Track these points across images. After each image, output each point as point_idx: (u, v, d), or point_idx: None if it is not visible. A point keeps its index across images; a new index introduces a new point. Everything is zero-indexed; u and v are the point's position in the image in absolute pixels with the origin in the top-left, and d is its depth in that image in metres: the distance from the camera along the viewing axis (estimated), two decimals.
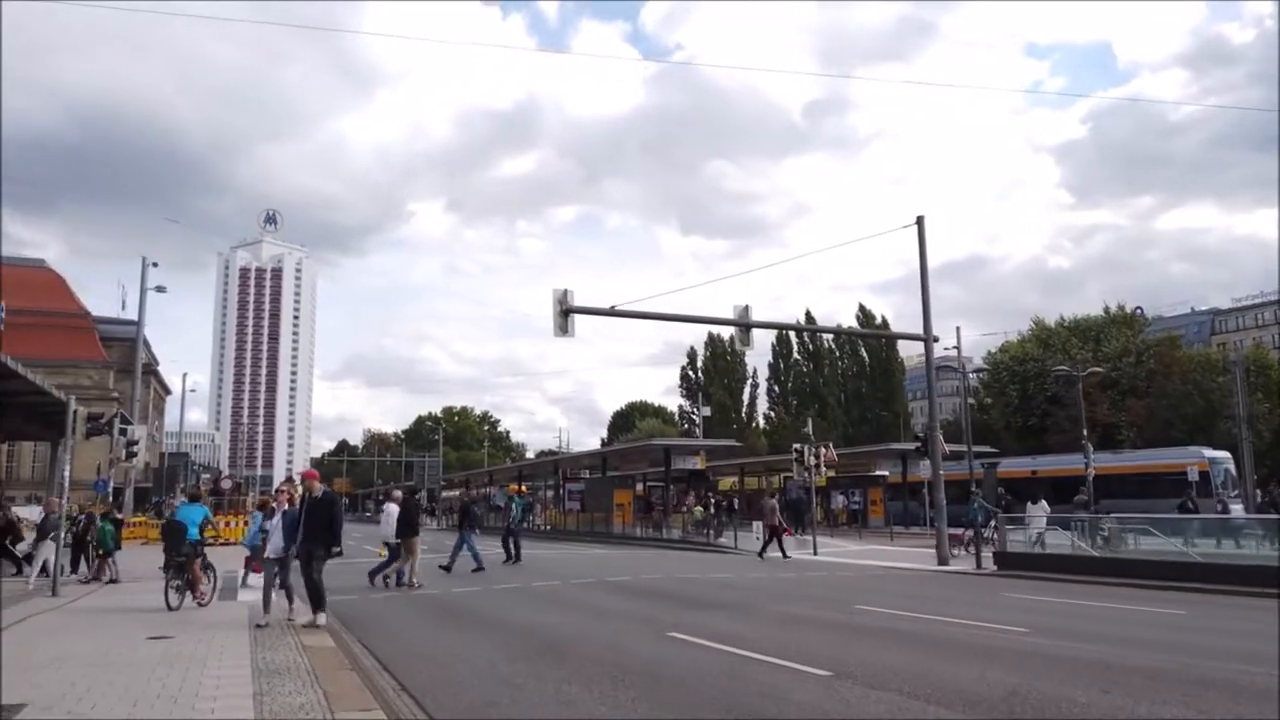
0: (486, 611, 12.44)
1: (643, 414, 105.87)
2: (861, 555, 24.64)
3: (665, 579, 17.05)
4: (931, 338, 21.13)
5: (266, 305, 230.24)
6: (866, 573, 18.81)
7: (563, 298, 18.33)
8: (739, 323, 19.41)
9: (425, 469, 77.74)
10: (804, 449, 25.03)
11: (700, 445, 39.00)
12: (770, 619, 10.98)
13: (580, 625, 10.58)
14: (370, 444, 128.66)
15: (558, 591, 15.20)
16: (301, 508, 10.82)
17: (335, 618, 11.83)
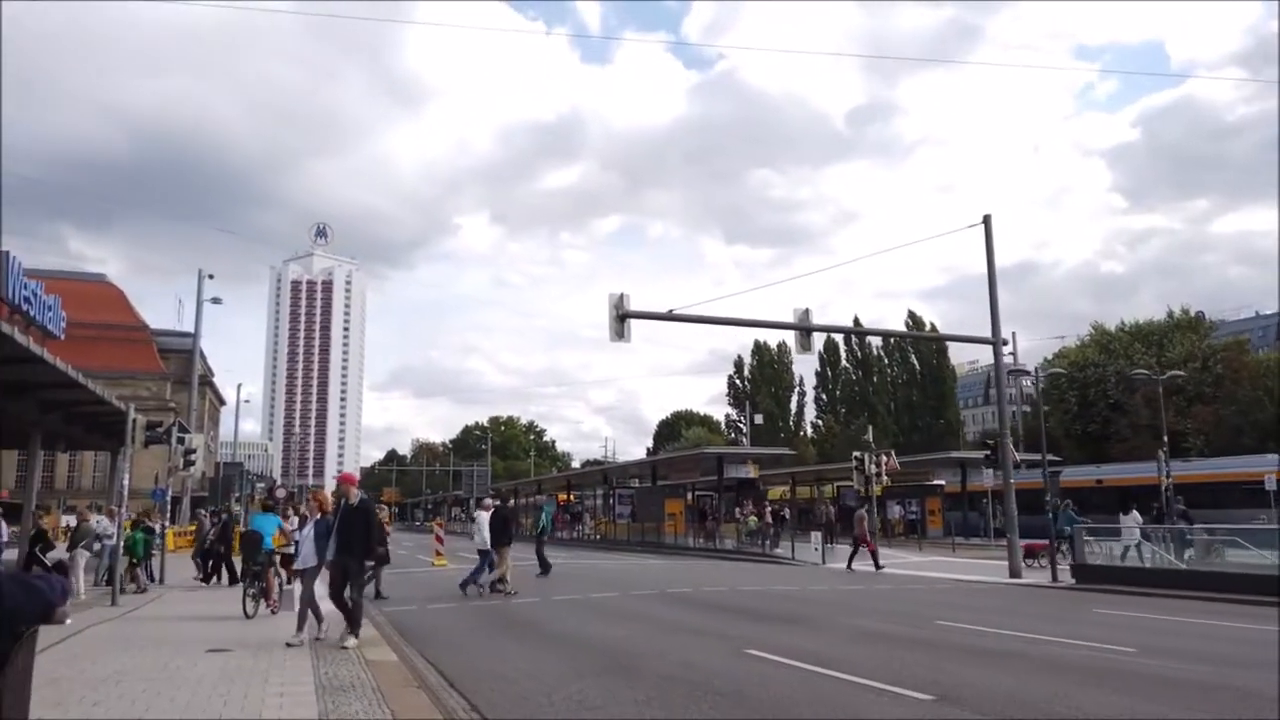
0: (548, 623, 12.01)
1: (688, 423, 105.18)
2: (925, 567, 23.78)
3: (728, 591, 16.48)
4: (1001, 340, 20.29)
5: (318, 317, 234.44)
6: (936, 586, 18.02)
7: (619, 302, 17.92)
8: (799, 326, 18.81)
9: (474, 478, 77.85)
10: (864, 457, 24.26)
11: (753, 454, 38.29)
12: (849, 635, 10.36)
13: (649, 640, 10.07)
14: (418, 454, 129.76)
15: (618, 603, 14.72)
16: (336, 516, 9.96)
17: (395, 629, 11.50)
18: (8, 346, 16.06)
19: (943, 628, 11.02)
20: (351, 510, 9.81)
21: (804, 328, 18.81)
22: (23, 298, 15.88)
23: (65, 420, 25.92)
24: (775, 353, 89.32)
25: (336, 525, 9.73)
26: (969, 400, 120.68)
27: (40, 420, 24.01)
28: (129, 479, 14.77)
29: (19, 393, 20.96)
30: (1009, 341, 20.08)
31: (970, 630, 10.78)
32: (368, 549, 9.84)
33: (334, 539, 9.69)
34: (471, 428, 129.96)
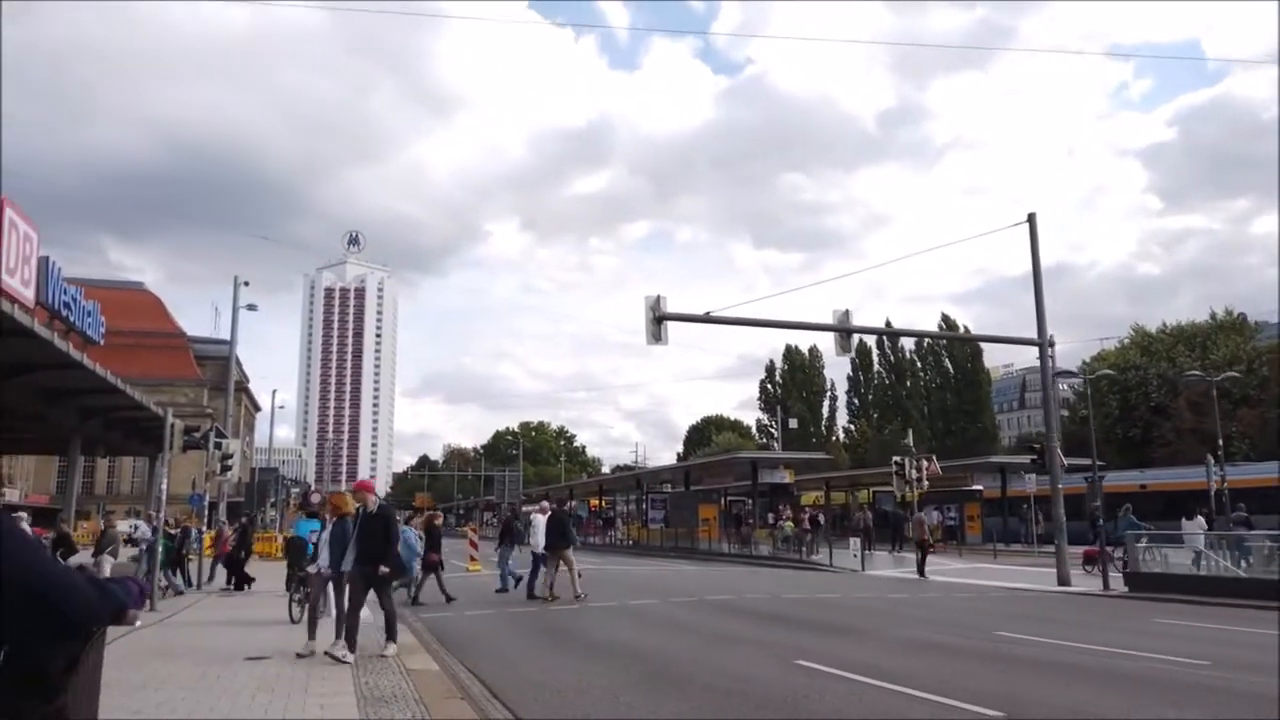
0: (589, 631, 11.74)
1: (719, 428, 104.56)
2: (969, 574, 23.18)
3: (770, 599, 16.10)
4: (1048, 341, 19.72)
5: (350, 324, 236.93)
6: (985, 593, 17.49)
7: (656, 304, 17.64)
8: (838, 328, 18.40)
9: (505, 483, 77.97)
10: (905, 462, 23.74)
11: (788, 458, 37.80)
12: (905, 646, 9.96)
13: (695, 649, 9.75)
14: (450, 459, 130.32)
15: (658, 611, 14.41)
16: (355, 524, 9.50)
17: (434, 636, 11.30)
18: (47, 352, 16.19)
19: (1002, 638, 10.57)
20: (370, 518, 9.41)
21: (843, 329, 18.40)
22: (62, 303, 15.94)
23: (104, 426, 26.19)
24: (807, 357, 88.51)
25: (356, 534, 9.32)
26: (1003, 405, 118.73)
27: (80, 426, 24.26)
28: (167, 483, 14.74)
29: (59, 398, 21.20)
30: (1054, 343, 19.48)
31: (1031, 641, 10.33)
32: (387, 557, 9.38)
33: (353, 548, 9.31)
34: (502, 433, 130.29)
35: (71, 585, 1.96)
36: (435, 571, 17.03)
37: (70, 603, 1.93)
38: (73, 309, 16.47)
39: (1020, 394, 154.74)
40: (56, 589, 1.91)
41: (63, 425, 23.41)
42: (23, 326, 14.79)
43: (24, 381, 17.01)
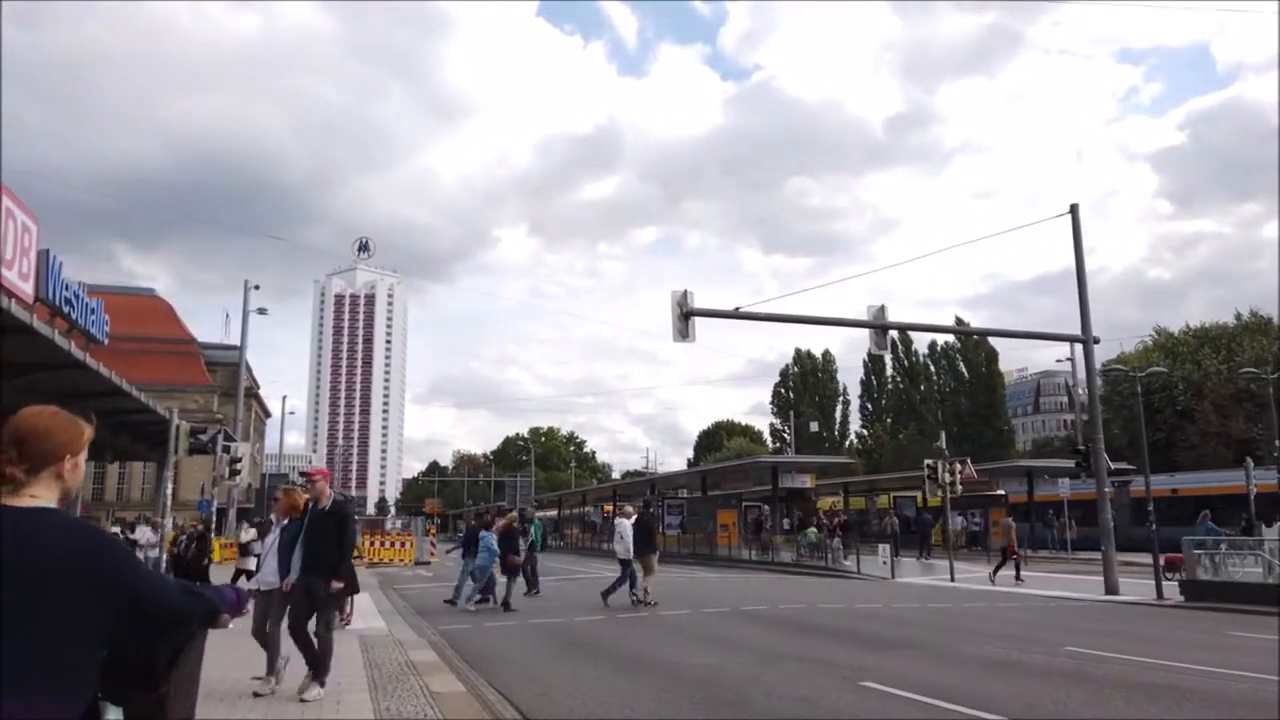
0: (623, 646, 10.90)
1: (730, 433, 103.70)
2: (1005, 581, 22.23)
3: (808, 609, 15.23)
4: (1092, 338, 18.83)
5: (360, 330, 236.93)
6: (1031, 604, 16.57)
7: (682, 299, 16.83)
8: (874, 324, 17.55)
9: (517, 489, 77.08)
10: (938, 465, 22.83)
11: (810, 462, 36.90)
12: (973, 664, 9.09)
13: (746, 667, 8.89)
14: (460, 465, 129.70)
15: (693, 622, 13.56)
16: (304, 522, 7.69)
17: (455, 652, 10.49)
18: (47, 351, 15.47)
19: (1076, 654, 9.67)
20: (322, 516, 7.59)
21: (879, 325, 17.55)
22: (64, 299, 15.22)
23: (111, 430, 25.48)
24: (819, 361, 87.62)
25: (302, 535, 7.60)
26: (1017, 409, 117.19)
27: None
28: (173, 489, 14.00)
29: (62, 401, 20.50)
30: (1098, 339, 18.61)
31: (1110, 659, 9.42)
32: (339, 568, 7.58)
33: (299, 552, 7.58)
34: (512, 439, 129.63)
35: (160, 587, 2.16)
36: (513, 576, 16.46)
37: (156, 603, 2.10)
38: (75, 306, 15.74)
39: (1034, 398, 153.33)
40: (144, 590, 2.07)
41: None
42: (21, 323, 14.08)
43: (23, 382, 16.27)
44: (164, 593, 2.14)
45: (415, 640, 11.19)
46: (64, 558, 1.95)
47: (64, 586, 1.93)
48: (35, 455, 2.04)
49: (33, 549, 1.93)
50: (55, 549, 1.95)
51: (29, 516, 1.99)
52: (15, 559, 1.91)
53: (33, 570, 1.91)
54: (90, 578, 1.96)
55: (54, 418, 2.13)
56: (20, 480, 2.03)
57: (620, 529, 16.48)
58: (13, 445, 2.05)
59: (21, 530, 1.95)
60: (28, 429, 2.07)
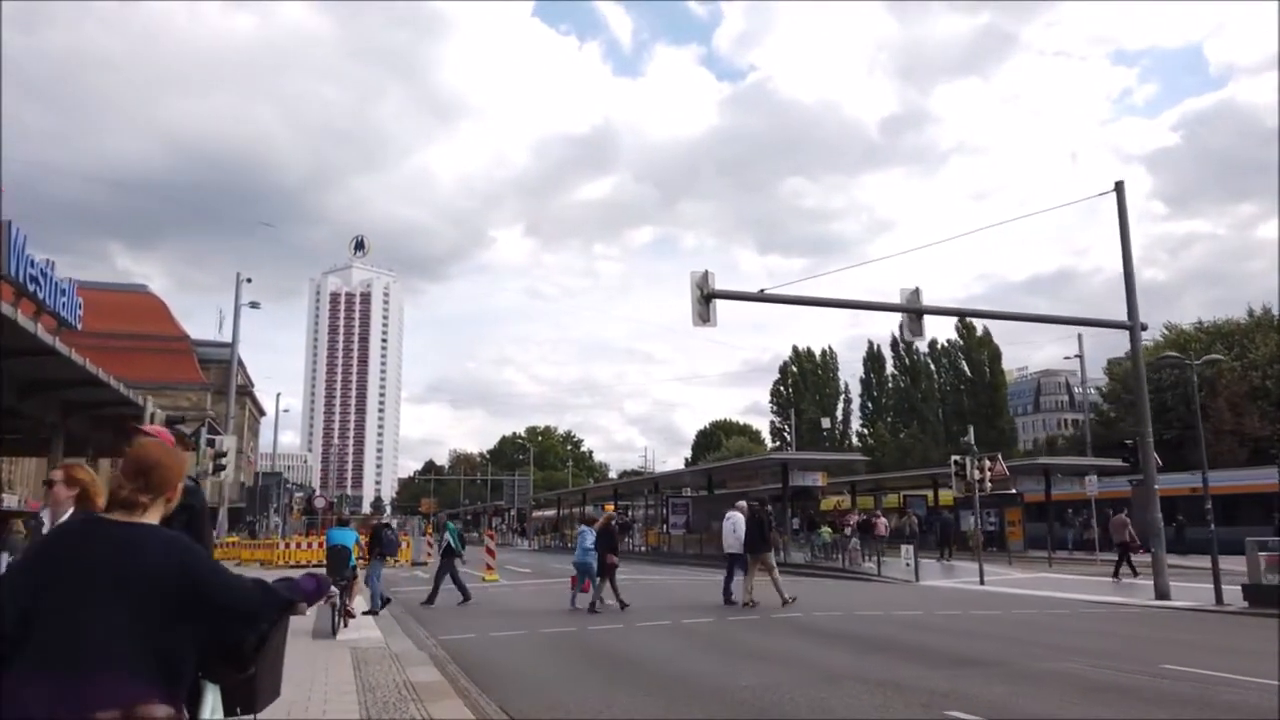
0: (646, 660, 9.62)
1: (728, 432, 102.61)
2: (1038, 585, 21.03)
3: (844, 616, 13.96)
4: (1139, 324, 17.61)
5: (356, 329, 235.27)
6: (1082, 609, 15.29)
7: (703, 281, 15.56)
8: (908, 308, 16.31)
9: (515, 488, 75.83)
10: (966, 461, 21.59)
11: (823, 460, 35.65)
12: (1064, 685, 7.81)
13: (805, 691, 7.57)
14: (456, 464, 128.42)
15: (720, 632, 12.29)
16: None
17: (460, 668, 9.20)
18: (10, 334, 14.14)
19: (1177, 674, 8.40)
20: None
21: (913, 310, 16.30)
22: (29, 277, 13.88)
23: (91, 424, 24.10)
24: (819, 360, 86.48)
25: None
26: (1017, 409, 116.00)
27: (62, 424, 22.23)
28: None
29: (33, 391, 19.15)
30: (1145, 326, 17.38)
31: (1217, 678, 8.14)
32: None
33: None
34: (509, 438, 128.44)
35: (236, 588, 2.54)
36: (611, 576, 15.51)
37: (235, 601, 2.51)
38: (42, 285, 14.40)
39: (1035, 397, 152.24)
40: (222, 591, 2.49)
41: (42, 423, 21.35)
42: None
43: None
44: (242, 595, 2.53)
45: (414, 654, 9.91)
46: (163, 569, 2.39)
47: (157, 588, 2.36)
48: (157, 485, 2.53)
49: (139, 560, 2.39)
50: (157, 561, 2.40)
51: (140, 533, 2.45)
52: (126, 569, 2.37)
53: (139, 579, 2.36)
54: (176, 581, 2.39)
55: (171, 452, 2.65)
56: (145, 505, 2.50)
57: (733, 522, 15.86)
58: (140, 475, 2.51)
59: (134, 544, 2.41)
60: (154, 461, 2.55)
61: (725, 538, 16.08)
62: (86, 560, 2.35)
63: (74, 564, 2.35)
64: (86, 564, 2.34)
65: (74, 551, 2.39)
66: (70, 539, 2.49)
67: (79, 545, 2.41)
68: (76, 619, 2.27)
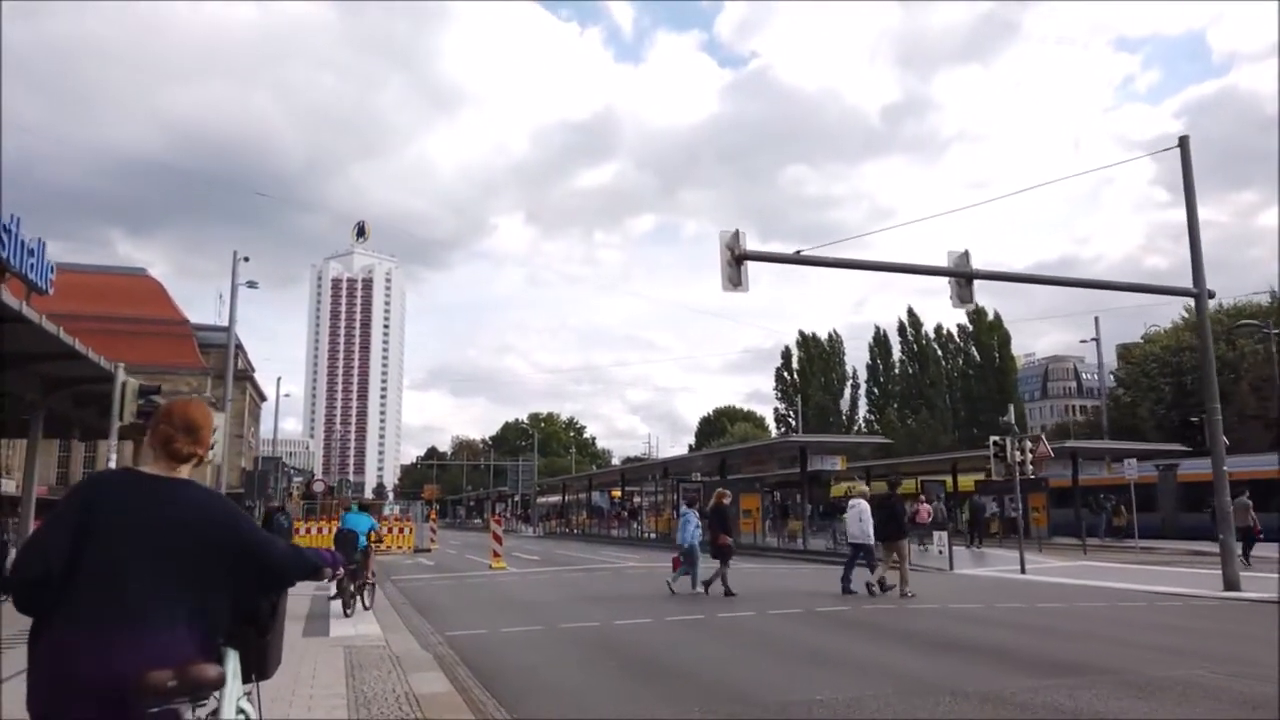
0: (697, 665, 8.24)
1: (732, 419, 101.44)
2: (1082, 573, 19.68)
3: (898, 611, 12.57)
4: (1206, 291, 16.19)
5: (358, 314, 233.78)
6: (1159, 604, 13.88)
7: (733, 241, 14.15)
8: (956, 272, 14.90)
9: (519, 474, 74.48)
10: (1006, 443, 20.21)
11: (843, 443, 34.30)
12: (1203, 698, 6.42)
13: (895, 707, 6.20)
14: (459, 450, 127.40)
15: (765, 627, 10.91)
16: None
17: (470, 672, 7.85)
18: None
19: None
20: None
21: (961, 273, 14.89)
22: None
23: (75, 402, 22.66)
24: (825, 345, 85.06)
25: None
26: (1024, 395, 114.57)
27: (43, 401, 20.82)
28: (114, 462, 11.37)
29: (8, 366, 17.75)
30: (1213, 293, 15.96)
31: None
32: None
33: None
34: (511, 424, 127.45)
35: (274, 546, 2.59)
36: (724, 558, 14.87)
37: (275, 558, 2.55)
38: (5, 243, 13.00)
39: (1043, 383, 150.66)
40: (264, 547, 2.53)
41: (20, 400, 19.92)
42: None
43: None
44: (278, 551, 2.59)
45: (418, 655, 8.56)
46: (203, 521, 2.42)
47: (202, 544, 2.39)
48: (199, 441, 2.60)
49: (180, 512, 2.41)
50: (198, 513, 2.43)
51: (180, 486, 2.50)
52: (166, 520, 2.38)
53: (177, 528, 2.38)
54: (219, 535, 2.43)
55: (208, 412, 2.71)
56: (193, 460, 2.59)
57: (859, 510, 15.14)
58: (192, 431, 2.59)
59: (173, 496, 2.45)
60: (197, 418, 2.63)
61: (850, 526, 15.53)
62: (133, 513, 2.36)
63: (119, 516, 2.35)
64: (133, 517, 2.35)
65: (118, 503, 2.39)
66: (112, 490, 2.46)
67: (123, 497, 2.40)
68: (126, 572, 2.28)
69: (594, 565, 23.95)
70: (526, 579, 19.66)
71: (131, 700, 2.12)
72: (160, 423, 2.57)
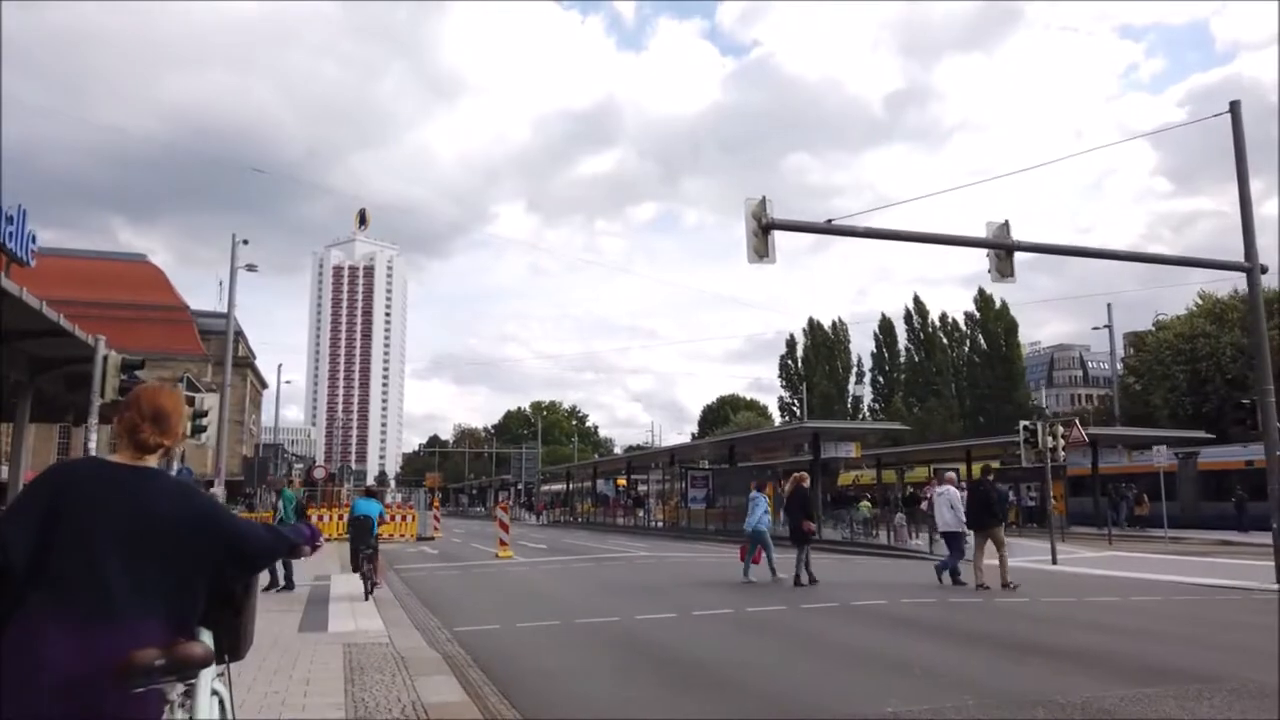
0: (735, 670, 7.36)
1: (735, 407, 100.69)
2: (1116, 564, 18.83)
3: (940, 605, 11.73)
4: (1259, 266, 15.26)
5: (360, 302, 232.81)
6: (1216, 597, 13.04)
7: (760, 210, 13.22)
8: (995, 244, 13.98)
9: (523, 462, 73.72)
10: (1037, 427, 19.31)
11: (859, 429, 33.41)
12: None
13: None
14: (460, 439, 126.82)
15: (799, 624, 10.05)
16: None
17: (483, 675, 6.99)
18: None
19: None
20: None
21: (1001, 245, 13.97)
22: None
23: (67, 384, 21.79)
24: (830, 332, 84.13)
25: None
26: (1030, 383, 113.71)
27: (29, 382, 19.95)
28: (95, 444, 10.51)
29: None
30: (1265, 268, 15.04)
31: None
32: None
33: None
34: (514, 413, 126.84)
35: (251, 529, 2.57)
36: (807, 544, 14.26)
37: (251, 543, 2.52)
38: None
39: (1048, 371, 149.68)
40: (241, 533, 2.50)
41: (5, 380, 19.07)
42: None
43: None
44: (254, 532, 2.57)
45: (425, 655, 7.69)
46: (175, 509, 2.37)
47: (176, 532, 2.34)
48: (167, 430, 2.50)
49: (153, 503, 2.35)
50: (168, 502, 2.38)
51: (147, 475, 2.43)
52: (138, 510, 2.33)
53: (151, 519, 2.33)
54: (195, 524, 2.39)
55: (178, 399, 2.60)
56: (159, 449, 2.50)
57: (949, 496, 14.34)
58: (160, 419, 2.49)
59: (143, 486, 2.38)
60: (166, 406, 2.52)
61: (941, 514, 14.61)
62: (103, 501, 2.31)
63: (89, 504, 2.30)
64: (104, 505, 2.31)
65: (87, 494, 2.33)
66: (78, 480, 2.39)
67: (91, 487, 2.35)
68: (101, 561, 2.25)
69: (603, 555, 23.11)
70: (536, 569, 18.83)
71: (114, 685, 2.11)
72: (127, 409, 2.50)
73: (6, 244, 13.15)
